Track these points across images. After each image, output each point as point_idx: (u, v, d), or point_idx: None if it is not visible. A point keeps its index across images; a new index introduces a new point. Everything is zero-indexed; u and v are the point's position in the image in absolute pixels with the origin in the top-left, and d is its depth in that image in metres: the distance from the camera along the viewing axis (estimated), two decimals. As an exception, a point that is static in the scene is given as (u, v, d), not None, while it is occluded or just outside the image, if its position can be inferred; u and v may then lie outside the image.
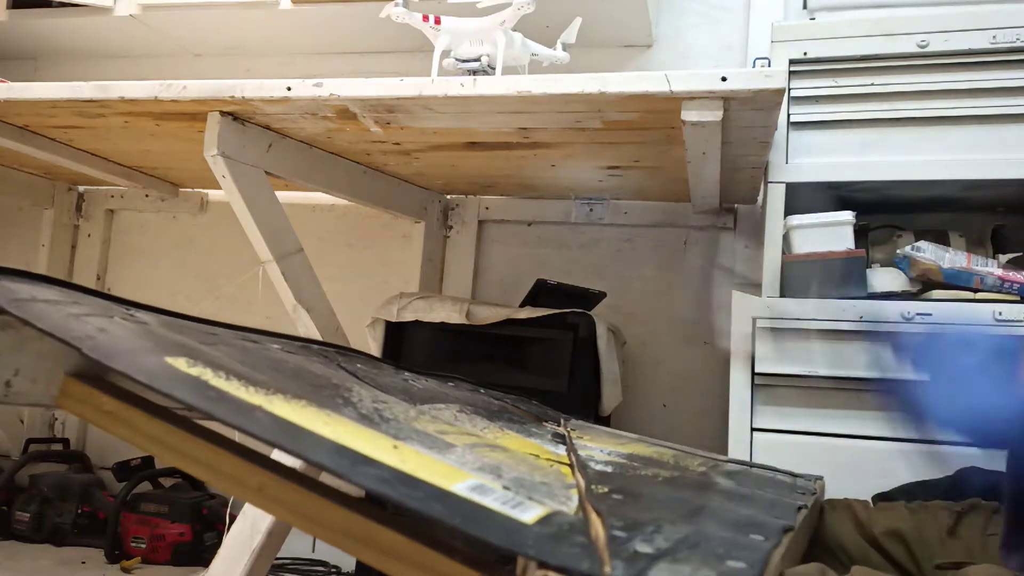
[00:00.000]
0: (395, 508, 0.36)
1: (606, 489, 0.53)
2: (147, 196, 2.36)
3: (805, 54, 1.46)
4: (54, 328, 0.40)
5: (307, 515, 0.42)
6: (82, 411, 0.47)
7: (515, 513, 0.37)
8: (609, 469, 0.71)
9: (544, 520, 0.38)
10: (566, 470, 0.64)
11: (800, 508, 0.74)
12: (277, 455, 0.46)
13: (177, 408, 0.47)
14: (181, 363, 0.43)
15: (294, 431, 0.40)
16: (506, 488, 0.42)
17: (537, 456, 0.69)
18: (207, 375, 0.43)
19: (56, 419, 2.37)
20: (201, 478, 0.45)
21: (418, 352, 1.68)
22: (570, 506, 0.45)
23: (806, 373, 1.35)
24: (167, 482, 2.05)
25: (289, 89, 1.30)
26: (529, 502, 0.40)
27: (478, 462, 0.49)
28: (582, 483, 0.55)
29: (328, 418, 0.44)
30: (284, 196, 1.55)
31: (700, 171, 1.47)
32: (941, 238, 1.49)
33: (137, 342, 0.46)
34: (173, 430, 0.45)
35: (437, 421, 0.66)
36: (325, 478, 0.44)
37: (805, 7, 1.89)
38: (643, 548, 0.38)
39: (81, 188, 2.44)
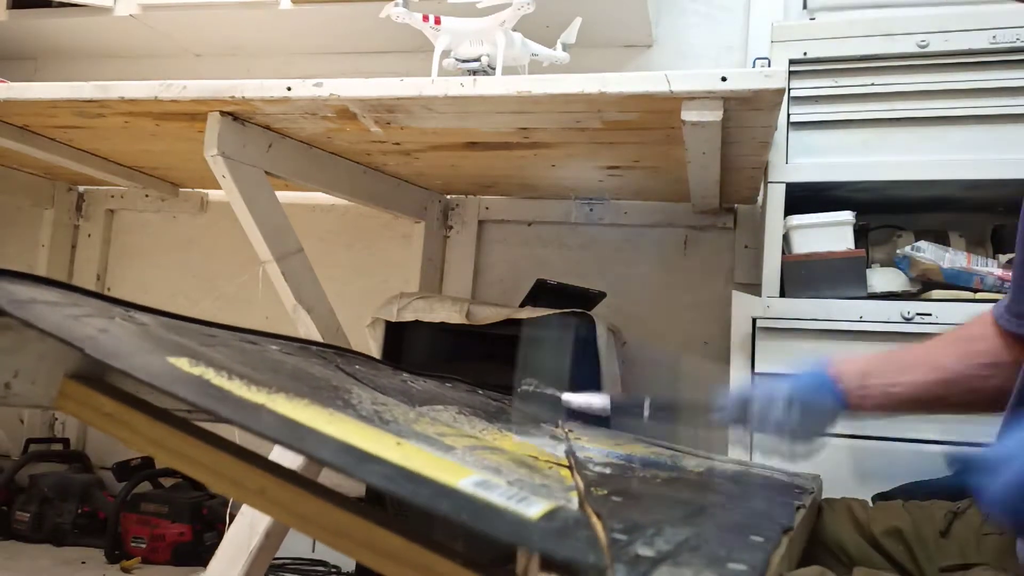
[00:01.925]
0: (396, 508, 0.36)
1: (605, 491, 0.53)
2: (147, 196, 2.36)
3: (805, 54, 1.46)
4: (56, 329, 0.40)
5: (307, 517, 0.42)
6: (81, 413, 0.47)
7: (520, 508, 0.37)
8: (608, 471, 0.71)
9: (549, 515, 0.38)
10: (565, 472, 0.64)
11: (799, 508, 0.74)
12: (277, 457, 0.46)
13: (178, 409, 0.47)
14: (183, 363, 0.43)
15: (298, 429, 0.40)
16: (509, 484, 0.42)
17: (536, 458, 0.69)
18: (209, 374, 0.43)
19: (56, 419, 2.37)
20: (201, 480, 0.45)
21: (418, 352, 1.68)
22: (570, 508, 0.45)
23: (806, 373, 1.35)
24: (167, 482, 2.05)
25: (289, 89, 1.30)
26: (533, 497, 0.40)
27: (478, 464, 0.49)
28: (581, 485, 0.55)
29: (331, 416, 0.44)
30: (284, 196, 1.55)
31: (700, 171, 1.47)
32: (941, 238, 1.49)
33: (138, 342, 0.46)
34: (173, 432, 0.45)
35: (437, 423, 0.66)
36: (324, 480, 0.44)
37: (805, 7, 1.89)
38: (644, 551, 0.38)
39: (81, 188, 2.44)
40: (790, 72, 1.46)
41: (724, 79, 1.13)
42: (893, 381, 0.95)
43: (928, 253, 1.38)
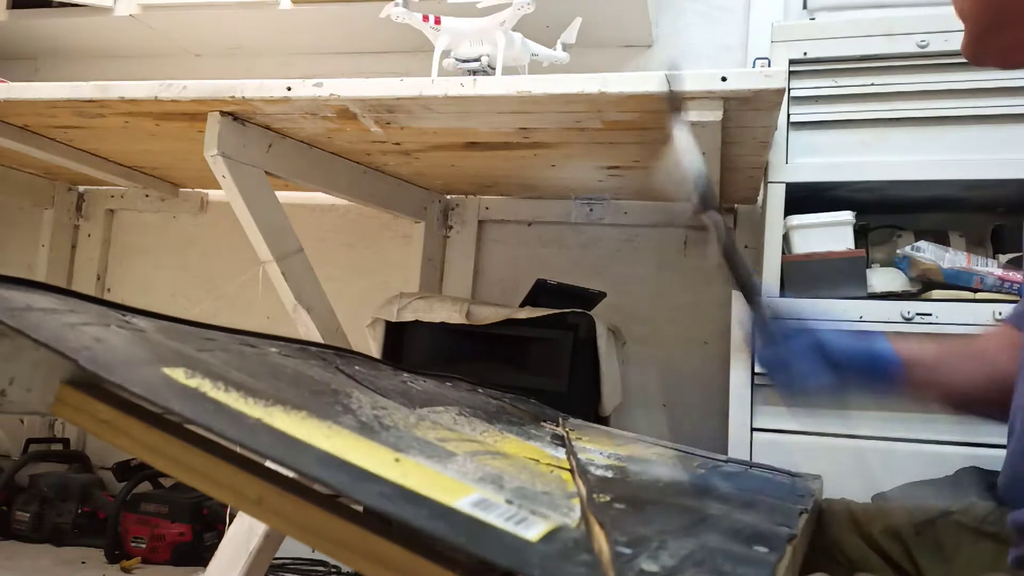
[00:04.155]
0: (399, 523, 0.36)
1: (608, 498, 0.52)
2: (147, 196, 2.36)
3: (805, 54, 1.46)
4: (51, 339, 0.40)
5: (306, 527, 0.42)
6: (78, 419, 0.47)
7: (519, 530, 0.37)
8: (610, 474, 0.71)
9: (548, 537, 0.37)
10: (567, 476, 0.64)
11: (801, 512, 0.73)
12: (275, 465, 0.45)
13: (174, 416, 0.46)
14: (179, 374, 0.43)
15: (294, 445, 0.39)
16: (509, 502, 0.41)
17: (537, 461, 0.69)
18: (205, 387, 0.43)
19: (56, 419, 2.37)
20: (199, 488, 0.45)
21: (418, 352, 1.68)
22: (573, 517, 0.45)
23: (806, 373, 1.35)
24: (167, 482, 2.05)
25: (289, 89, 1.30)
26: (533, 517, 0.40)
27: (479, 472, 0.49)
28: (583, 491, 0.54)
29: (329, 430, 0.44)
30: (284, 196, 1.55)
31: (700, 171, 1.47)
32: (941, 238, 1.48)
33: (134, 352, 0.46)
34: (170, 440, 0.45)
35: (437, 427, 0.66)
36: (323, 488, 0.44)
37: (805, 7, 1.88)
38: (649, 566, 0.37)
39: (81, 188, 2.44)
40: (790, 72, 1.45)
41: (724, 79, 1.13)
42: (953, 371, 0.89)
43: (928, 253, 1.38)
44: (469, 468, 0.49)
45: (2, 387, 0.46)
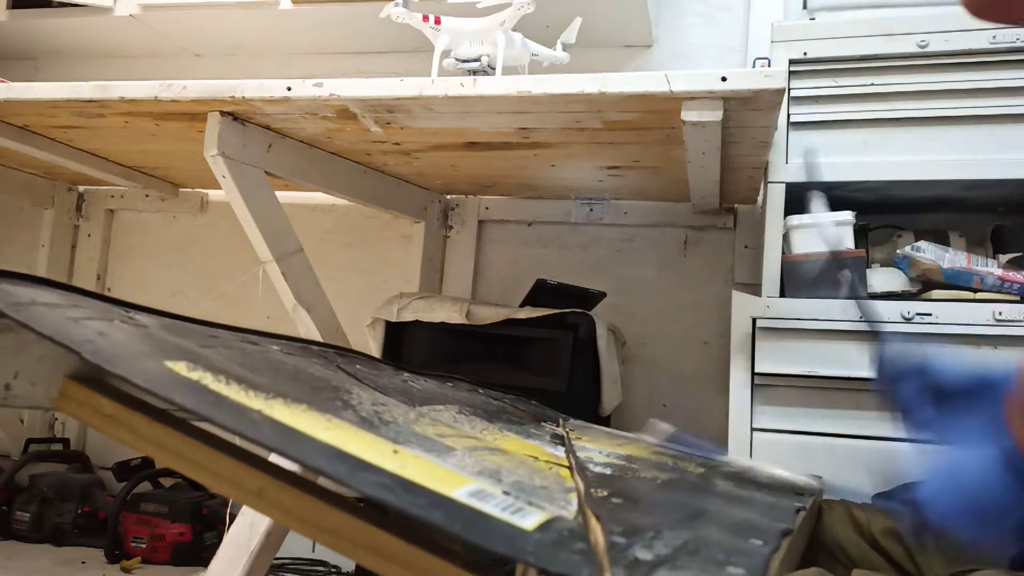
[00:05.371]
0: (397, 513, 0.36)
1: (605, 493, 0.53)
2: (147, 196, 2.36)
3: (805, 54, 1.46)
4: (55, 332, 0.40)
5: (306, 519, 0.42)
6: (81, 414, 0.47)
7: (515, 519, 0.37)
8: (608, 471, 0.71)
9: (544, 526, 0.38)
10: (565, 473, 0.64)
11: (799, 510, 0.73)
12: (276, 458, 0.46)
13: (177, 411, 0.47)
14: (181, 367, 0.43)
15: (294, 436, 0.40)
16: (506, 493, 0.42)
17: (536, 458, 0.69)
18: (207, 379, 0.43)
19: (56, 419, 2.37)
20: (200, 481, 0.45)
21: (418, 352, 1.68)
22: (570, 510, 0.45)
23: (806, 373, 1.35)
24: (167, 482, 2.05)
25: (289, 89, 1.30)
26: (529, 507, 0.40)
27: (478, 466, 0.49)
28: (581, 486, 0.55)
29: (328, 423, 0.44)
30: (284, 196, 1.55)
31: (700, 171, 1.47)
32: (941, 238, 1.49)
33: (137, 346, 0.46)
34: (172, 433, 0.45)
35: (437, 424, 0.66)
36: (323, 481, 0.44)
37: (805, 7, 1.88)
38: (643, 555, 0.38)
39: (81, 188, 2.45)
40: (790, 72, 1.45)
41: (724, 79, 1.13)
42: None
43: (928, 253, 1.38)
44: (467, 462, 0.49)
45: (7, 381, 0.47)
